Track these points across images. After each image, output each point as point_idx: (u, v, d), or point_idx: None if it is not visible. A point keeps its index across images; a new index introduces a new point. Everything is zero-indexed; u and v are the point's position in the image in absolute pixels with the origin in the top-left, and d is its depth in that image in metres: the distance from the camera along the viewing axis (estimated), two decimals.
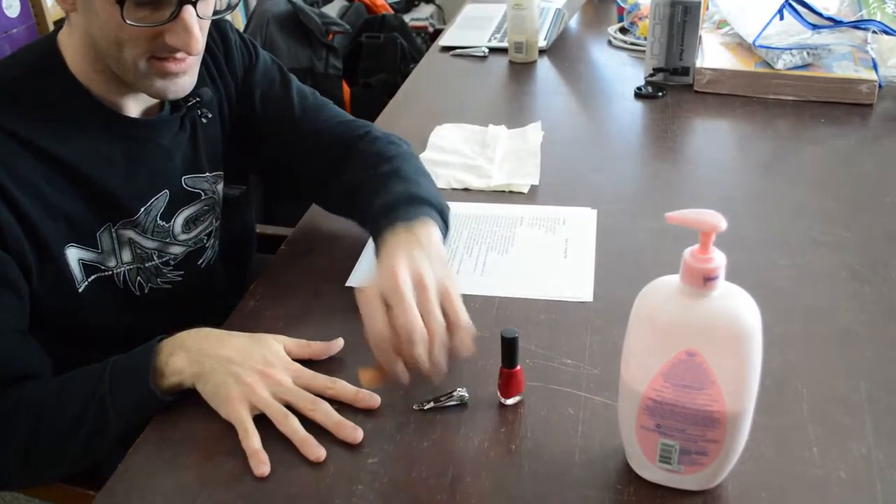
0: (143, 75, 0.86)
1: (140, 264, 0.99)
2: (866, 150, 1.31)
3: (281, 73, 1.13)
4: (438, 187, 1.21)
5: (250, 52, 1.10)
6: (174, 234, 1.02)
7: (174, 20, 0.82)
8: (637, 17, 1.78)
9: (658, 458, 0.70)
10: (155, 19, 0.82)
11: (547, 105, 1.54)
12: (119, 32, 0.82)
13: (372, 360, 0.80)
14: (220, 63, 1.06)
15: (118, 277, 0.97)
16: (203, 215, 1.06)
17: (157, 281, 1.02)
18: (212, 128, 1.05)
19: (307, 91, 1.14)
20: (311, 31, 2.46)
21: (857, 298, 0.94)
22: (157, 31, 0.83)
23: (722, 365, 0.64)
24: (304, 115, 1.10)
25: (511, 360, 0.79)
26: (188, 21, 0.83)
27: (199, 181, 1.04)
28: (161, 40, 0.84)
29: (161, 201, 0.99)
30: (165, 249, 1.01)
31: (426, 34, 3.05)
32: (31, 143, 0.86)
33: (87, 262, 0.94)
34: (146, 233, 0.98)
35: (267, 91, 1.10)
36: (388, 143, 1.08)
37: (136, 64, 0.85)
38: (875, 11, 1.45)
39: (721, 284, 0.63)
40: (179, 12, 0.82)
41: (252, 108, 1.09)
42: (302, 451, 0.76)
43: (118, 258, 0.96)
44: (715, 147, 1.37)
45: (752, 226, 1.08)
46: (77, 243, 0.92)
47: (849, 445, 0.74)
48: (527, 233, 1.10)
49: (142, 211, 0.97)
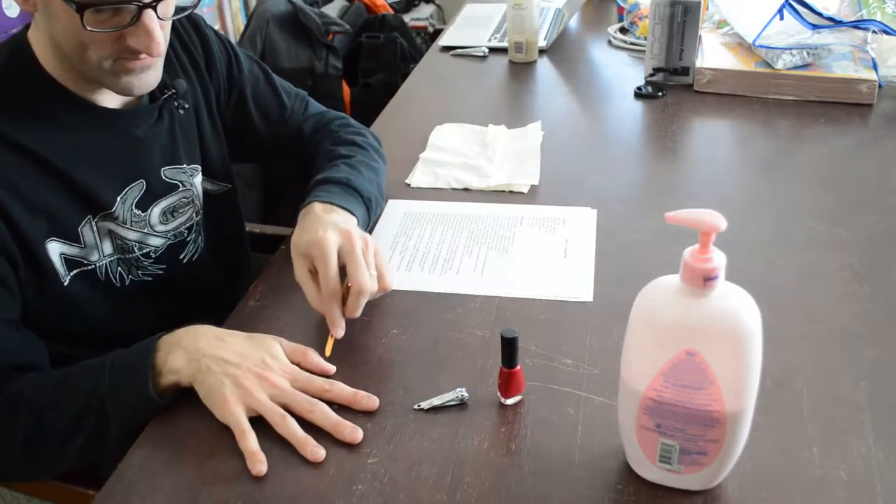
0: (107, 73, 0.87)
1: (121, 255, 0.99)
2: (866, 150, 1.31)
3: (262, 68, 1.18)
4: (438, 187, 1.23)
5: (229, 51, 1.13)
6: (151, 224, 1.02)
7: (135, 24, 0.83)
8: (637, 16, 1.78)
9: (658, 457, 0.70)
10: (115, 24, 0.83)
11: (547, 105, 1.54)
12: (81, 36, 0.83)
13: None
14: (196, 58, 1.08)
15: (100, 270, 0.98)
16: (182, 207, 1.06)
17: (138, 273, 1.02)
18: (188, 120, 1.06)
19: (287, 85, 1.21)
20: (311, 31, 2.46)
21: (857, 298, 0.94)
22: (119, 34, 0.84)
23: (722, 365, 0.64)
24: (293, 111, 1.18)
25: (511, 360, 0.79)
26: (149, 24, 0.83)
27: (178, 173, 1.04)
28: (124, 43, 0.85)
29: (136, 190, 0.99)
30: (145, 241, 1.02)
31: (426, 34, 3.05)
32: (5, 138, 0.87)
33: (70, 257, 0.94)
34: (125, 223, 0.98)
35: (256, 90, 1.15)
36: (357, 133, 1.17)
37: (101, 65, 0.86)
38: (875, 11, 1.45)
39: (721, 284, 0.63)
40: (140, 16, 0.83)
41: (245, 108, 1.14)
42: (301, 453, 0.76)
43: (100, 251, 0.97)
44: (715, 147, 1.37)
45: (752, 226, 1.08)
46: (58, 237, 0.92)
47: (849, 445, 0.74)
48: (527, 233, 1.10)
49: (118, 201, 0.97)
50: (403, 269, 1.03)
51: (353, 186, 1.02)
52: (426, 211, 1.16)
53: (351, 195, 1.01)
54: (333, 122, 1.19)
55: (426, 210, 1.16)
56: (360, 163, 1.09)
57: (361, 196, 1.02)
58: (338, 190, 1.01)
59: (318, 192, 0.99)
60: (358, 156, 1.10)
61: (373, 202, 1.05)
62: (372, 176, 1.08)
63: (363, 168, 1.08)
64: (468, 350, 0.89)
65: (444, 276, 1.01)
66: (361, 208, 1.02)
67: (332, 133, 1.16)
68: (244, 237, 1.26)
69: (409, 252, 1.06)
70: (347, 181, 1.02)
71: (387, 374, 0.86)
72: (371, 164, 1.11)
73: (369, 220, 1.05)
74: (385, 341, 0.91)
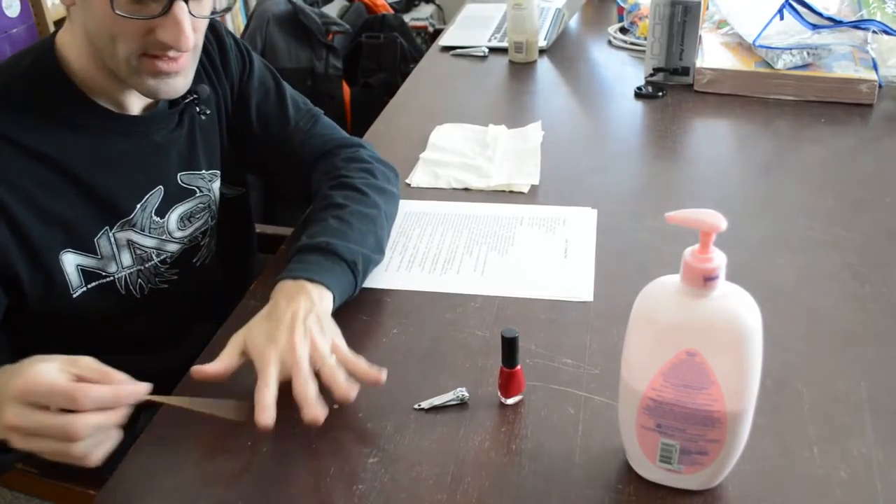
0: (134, 72, 0.86)
1: (140, 266, 0.99)
2: (866, 150, 1.31)
3: (275, 80, 1.13)
4: (438, 187, 1.22)
5: (245, 58, 1.11)
6: (169, 230, 1.01)
7: (165, 15, 0.83)
8: (637, 16, 1.78)
9: (658, 457, 0.70)
10: (145, 13, 0.82)
11: (547, 105, 1.54)
12: (112, 27, 0.83)
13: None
14: (216, 63, 1.07)
15: (119, 283, 0.97)
16: (198, 213, 1.06)
17: (156, 281, 1.02)
18: (210, 125, 1.05)
19: (300, 101, 1.15)
20: (311, 31, 2.46)
21: (858, 298, 0.94)
22: (149, 26, 0.83)
23: (722, 365, 0.64)
24: (297, 127, 1.12)
25: (511, 360, 0.79)
26: (179, 16, 0.83)
27: (195, 178, 1.04)
28: (153, 37, 0.84)
29: (156, 197, 0.99)
30: (163, 247, 1.01)
31: (426, 34, 3.05)
32: (25, 145, 0.86)
33: (88, 269, 0.93)
34: (144, 230, 0.98)
35: (262, 100, 1.11)
36: (362, 169, 1.07)
37: (129, 60, 0.85)
38: (875, 11, 1.45)
39: (721, 284, 0.63)
40: (171, 7, 0.82)
41: (247, 115, 1.10)
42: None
43: (118, 263, 0.96)
44: (715, 147, 1.37)
45: (752, 226, 1.08)
46: (74, 249, 0.91)
47: (849, 445, 0.74)
48: (527, 233, 1.10)
49: (137, 208, 0.96)
50: (404, 269, 1.03)
51: (334, 252, 0.92)
52: (426, 211, 1.16)
53: (331, 263, 0.92)
54: (341, 154, 1.10)
55: (426, 210, 1.16)
56: (354, 214, 0.99)
57: (345, 261, 0.93)
58: (315, 259, 0.91)
59: (294, 264, 0.91)
60: (353, 205, 1.00)
61: (359, 264, 0.94)
62: (366, 229, 0.98)
63: (356, 220, 0.98)
64: (468, 350, 0.89)
65: (445, 276, 1.01)
66: (344, 276, 0.92)
67: (335, 170, 1.07)
68: (254, 239, 1.25)
69: (410, 252, 1.06)
70: (328, 246, 0.93)
71: (387, 374, 0.86)
72: (368, 212, 1.01)
73: (357, 283, 0.94)
74: (385, 341, 0.91)
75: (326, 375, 0.78)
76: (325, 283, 0.88)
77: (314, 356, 0.80)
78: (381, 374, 0.80)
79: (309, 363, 0.79)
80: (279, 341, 0.80)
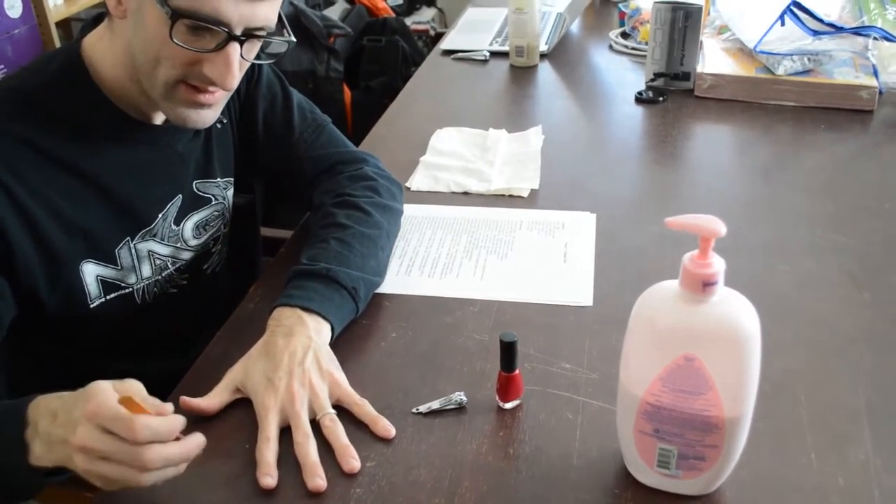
0: (168, 97, 0.86)
1: (158, 276, 0.99)
2: (866, 157, 1.31)
3: (283, 88, 1.12)
4: (438, 191, 1.22)
5: (253, 65, 1.10)
6: (184, 238, 1.01)
7: (218, 52, 0.82)
8: (638, 21, 1.78)
9: (656, 462, 0.70)
10: (200, 45, 0.82)
11: (547, 109, 1.54)
12: (161, 50, 0.82)
13: None
14: None
15: (138, 293, 0.97)
16: (213, 221, 1.05)
17: (167, 287, 1.02)
18: (225, 134, 1.05)
19: (307, 109, 1.14)
20: (312, 34, 2.47)
21: (857, 305, 0.94)
22: (198, 58, 0.83)
23: (720, 370, 0.64)
24: (301, 137, 1.10)
25: (510, 364, 0.79)
26: (231, 56, 0.83)
27: (210, 186, 1.04)
28: (198, 68, 0.83)
29: (175, 206, 0.99)
30: (178, 255, 1.01)
31: (427, 37, 3.06)
32: (49, 153, 0.85)
33: (108, 280, 0.93)
34: (163, 239, 0.98)
35: (269, 108, 1.10)
36: (366, 187, 1.06)
37: (167, 83, 0.84)
38: (876, 18, 1.46)
39: (720, 290, 0.63)
40: (226, 46, 0.82)
41: (254, 122, 1.09)
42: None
43: (138, 274, 0.96)
44: (715, 152, 1.37)
45: (751, 231, 1.08)
46: (95, 259, 0.91)
47: (847, 452, 0.74)
48: (526, 237, 1.10)
49: (159, 217, 0.96)
50: (403, 273, 1.03)
51: (335, 279, 0.91)
52: (426, 214, 1.16)
53: (331, 291, 0.90)
54: (346, 170, 1.09)
55: (426, 214, 1.16)
56: (356, 236, 0.97)
57: (345, 288, 0.91)
58: (313, 286, 0.90)
59: (292, 291, 0.89)
60: (355, 226, 0.98)
61: (360, 290, 0.92)
62: (367, 252, 0.97)
63: (358, 243, 0.96)
64: (467, 354, 0.89)
65: (444, 280, 1.01)
66: (344, 303, 0.91)
67: (339, 187, 1.06)
68: (259, 245, 1.25)
69: (409, 255, 1.06)
70: (328, 273, 0.91)
71: (385, 378, 0.86)
72: (370, 233, 0.99)
73: (358, 308, 0.93)
74: (384, 345, 0.91)
75: (326, 430, 0.78)
76: (324, 314, 0.87)
77: (313, 404, 0.80)
78: (389, 430, 0.79)
79: (308, 415, 0.79)
80: (278, 388, 0.80)
